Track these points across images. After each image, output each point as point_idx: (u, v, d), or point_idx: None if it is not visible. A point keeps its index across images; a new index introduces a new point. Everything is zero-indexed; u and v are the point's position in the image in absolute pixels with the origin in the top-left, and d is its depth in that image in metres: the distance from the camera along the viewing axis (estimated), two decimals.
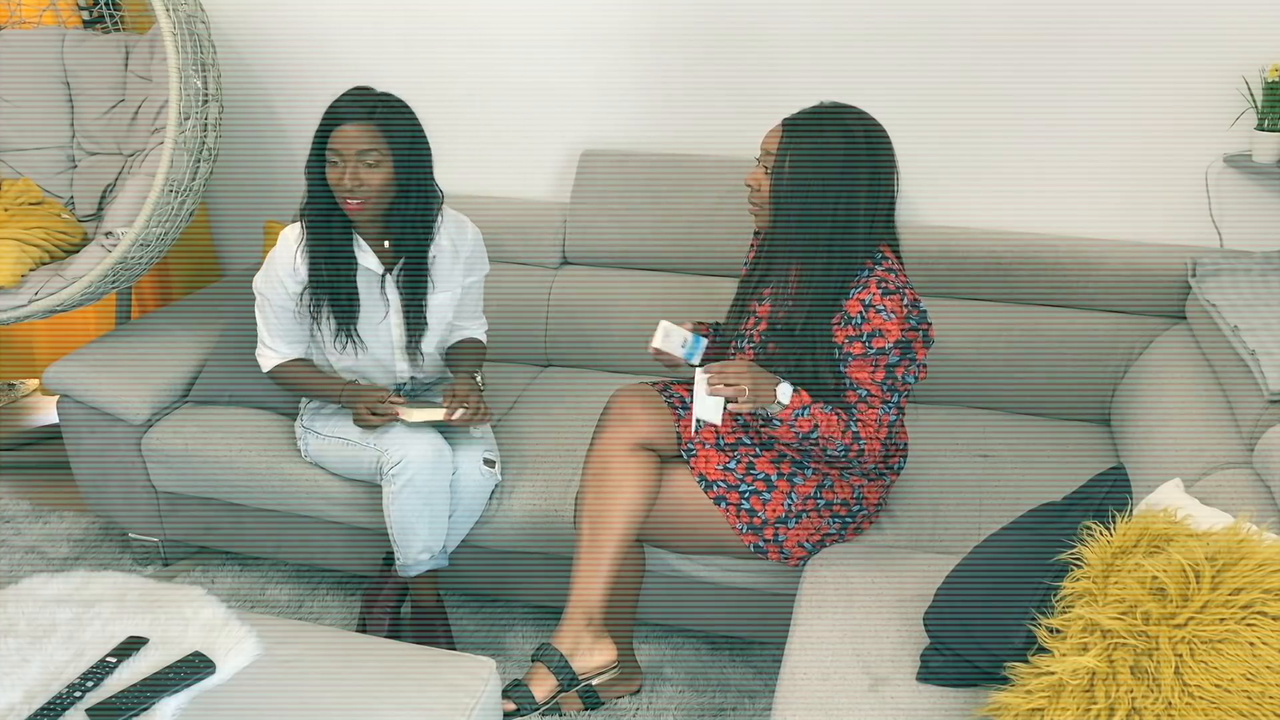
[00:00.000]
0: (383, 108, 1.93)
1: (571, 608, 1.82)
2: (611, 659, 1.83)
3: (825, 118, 1.75)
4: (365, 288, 2.07)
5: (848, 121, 1.74)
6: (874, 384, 1.76)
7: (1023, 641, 1.39)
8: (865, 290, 1.74)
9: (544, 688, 1.77)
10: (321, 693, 1.48)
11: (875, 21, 2.39)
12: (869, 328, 1.74)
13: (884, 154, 1.76)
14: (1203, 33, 2.22)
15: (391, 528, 2.02)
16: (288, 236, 2.06)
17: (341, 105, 1.92)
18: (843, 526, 1.91)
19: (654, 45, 2.57)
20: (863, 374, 1.76)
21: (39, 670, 1.47)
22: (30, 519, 2.76)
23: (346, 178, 1.91)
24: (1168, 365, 2.17)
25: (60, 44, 2.79)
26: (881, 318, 1.73)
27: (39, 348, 3.23)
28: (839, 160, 1.72)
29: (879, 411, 1.77)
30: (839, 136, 1.72)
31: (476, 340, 2.28)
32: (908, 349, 1.76)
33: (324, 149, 1.93)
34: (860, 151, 1.72)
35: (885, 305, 1.73)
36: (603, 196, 2.60)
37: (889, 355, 1.74)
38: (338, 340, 2.09)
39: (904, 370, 1.77)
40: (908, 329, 1.75)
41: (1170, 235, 2.38)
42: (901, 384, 1.78)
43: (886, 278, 1.75)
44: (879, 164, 1.75)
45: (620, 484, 1.85)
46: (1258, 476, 1.69)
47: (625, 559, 1.87)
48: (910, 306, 1.75)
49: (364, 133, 1.90)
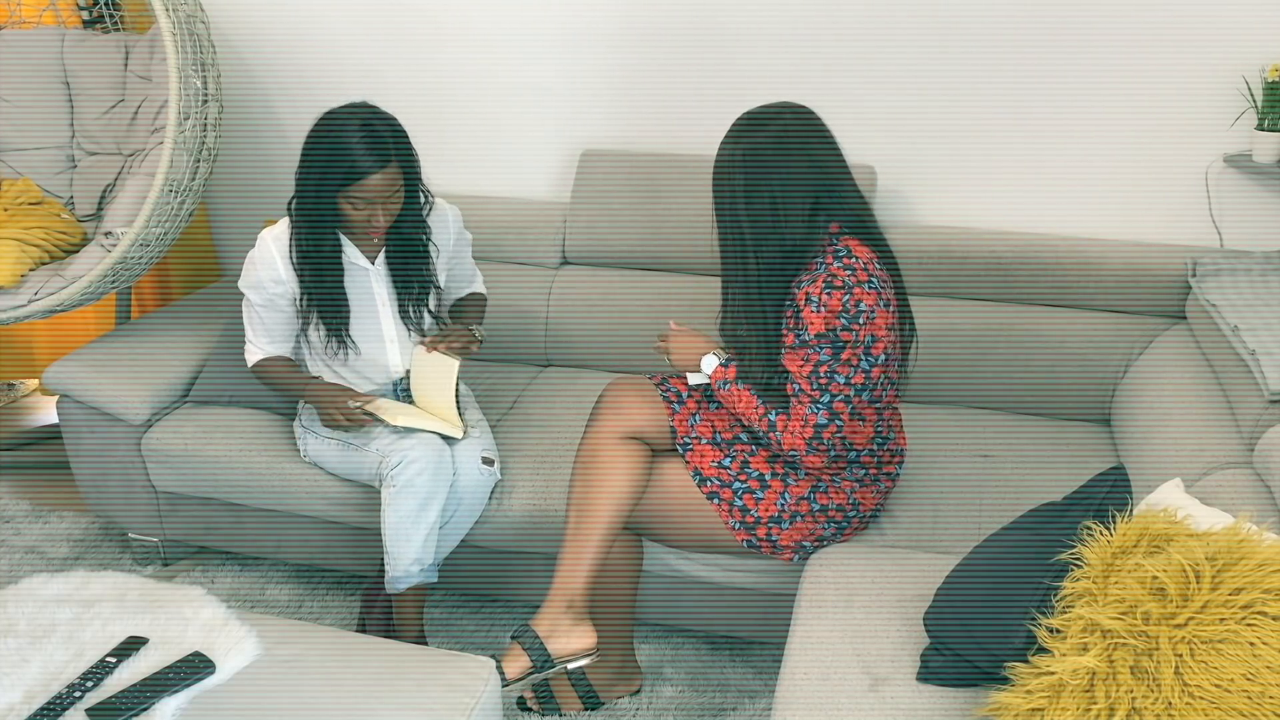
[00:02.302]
0: (393, 142, 1.92)
1: (553, 591, 1.84)
2: (589, 645, 1.84)
3: (736, 131, 1.77)
4: (352, 285, 2.08)
5: (746, 132, 1.75)
6: (803, 377, 1.75)
7: (1023, 641, 1.38)
8: (814, 284, 1.72)
9: (516, 666, 1.80)
10: (321, 693, 1.48)
11: (876, 22, 2.39)
12: (802, 320, 1.74)
13: (802, 150, 1.73)
14: (1203, 33, 2.22)
15: (386, 533, 2.00)
16: (266, 240, 2.05)
17: (358, 153, 1.88)
18: (838, 531, 1.91)
19: (655, 45, 2.57)
20: (794, 365, 1.76)
21: (39, 670, 1.47)
22: (30, 519, 2.76)
23: (380, 218, 1.95)
24: (1168, 365, 2.17)
25: (60, 44, 2.79)
26: (811, 309, 1.72)
27: (39, 348, 3.23)
28: (739, 172, 1.74)
29: (806, 409, 1.76)
30: (735, 149, 1.74)
31: (476, 293, 2.33)
32: (838, 348, 1.71)
33: (336, 189, 1.91)
34: (761, 156, 1.72)
35: (821, 299, 1.70)
36: (603, 196, 2.60)
37: (818, 351, 1.72)
38: (329, 347, 2.10)
39: (830, 369, 1.73)
40: (839, 328, 1.70)
41: (1170, 235, 2.38)
42: (831, 383, 1.73)
43: (838, 274, 1.71)
44: (790, 159, 1.72)
45: (608, 472, 1.86)
46: (1258, 476, 1.70)
47: (611, 547, 1.88)
48: (850, 305, 1.70)
49: (390, 178, 1.92)
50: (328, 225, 1.99)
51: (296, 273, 2.04)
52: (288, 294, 2.07)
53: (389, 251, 2.11)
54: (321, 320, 2.07)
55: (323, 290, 2.05)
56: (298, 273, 2.04)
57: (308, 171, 1.94)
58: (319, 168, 1.92)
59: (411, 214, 2.05)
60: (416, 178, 2.02)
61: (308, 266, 2.03)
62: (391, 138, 1.93)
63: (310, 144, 1.94)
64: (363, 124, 1.90)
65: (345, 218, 1.96)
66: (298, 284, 2.05)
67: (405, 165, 1.96)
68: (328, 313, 2.07)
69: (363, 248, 2.08)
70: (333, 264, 2.04)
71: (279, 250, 2.04)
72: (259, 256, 2.06)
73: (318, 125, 1.94)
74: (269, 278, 2.05)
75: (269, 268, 2.05)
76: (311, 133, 1.94)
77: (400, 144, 1.95)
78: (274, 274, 2.05)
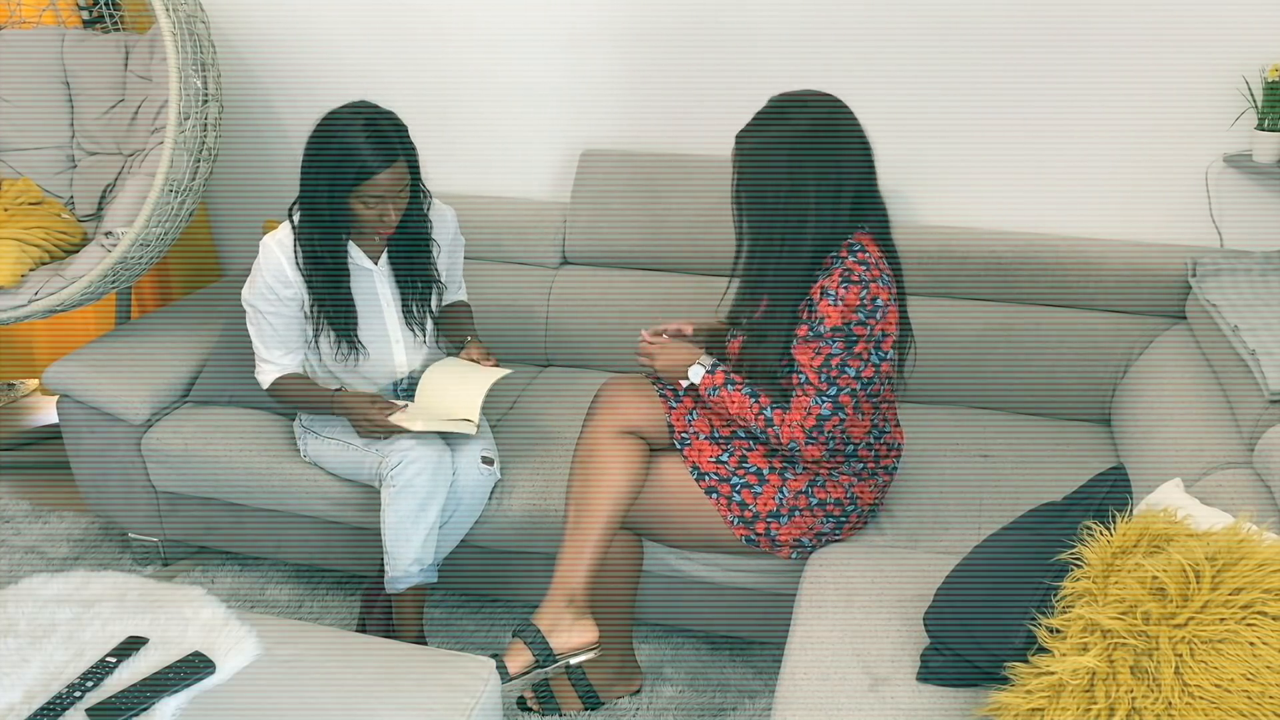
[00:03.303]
0: (398, 139, 1.93)
1: (554, 588, 1.85)
2: (591, 640, 1.84)
3: (767, 117, 1.75)
4: (356, 286, 2.08)
5: (790, 117, 1.73)
6: (812, 369, 1.76)
7: (1023, 641, 1.39)
8: (829, 277, 1.73)
9: (518, 662, 1.81)
10: (321, 693, 1.48)
11: (877, 22, 2.39)
12: (818, 312, 1.74)
13: (836, 140, 1.72)
14: (1203, 33, 2.22)
15: (386, 533, 2.00)
16: (270, 245, 2.04)
17: (366, 152, 1.88)
18: (837, 525, 1.91)
19: (655, 45, 2.57)
20: (804, 357, 1.77)
21: (39, 670, 1.47)
22: (30, 519, 2.76)
23: (392, 214, 1.96)
24: (1168, 365, 2.17)
25: (60, 44, 2.79)
26: (828, 302, 1.72)
27: (39, 348, 3.23)
28: (783, 158, 1.71)
29: (810, 400, 1.77)
30: (780, 137, 1.72)
31: (461, 302, 2.33)
32: (851, 342, 1.73)
33: (347, 189, 1.91)
34: (804, 144, 1.70)
35: (838, 293, 1.72)
36: (602, 196, 2.60)
37: (830, 344, 1.73)
38: (339, 352, 2.09)
39: (841, 361, 1.74)
40: (854, 321, 1.72)
41: (1170, 235, 2.38)
42: (840, 375, 1.74)
43: (855, 269, 1.73)
44: (830, 152, 1.71)
45: (606, 468, 1.86)
46: (1258, 476, 1.70)
47: (610, 543, 1.88)
48: (867, 300, 1.72)
49: (399, 174, 1.93)
50: (337, 227, 1.99)
51: (304, 277, 2.04)
52: (296, 298, 2.06)
53: (392, 251, 2.11)
54: (330, 324, 2.07)
55: (330, 293, 2.04)
56: (305, 277, 2.03)
57: (315, 174, 1.93)
58: (327, 169, 1.91)
59: (415, 211, 2.05)
60: (418, 174, 2.03)
61: (315, 270, 2.02)
62: (396, 134, 1.93)
63: (315, 146, 1.93)
64: (367, 122, 1.90)
65: (356, 218, 1.96)
66: (305, 288, 2.05)
67: (410, 161, 1.97)
68: (336, 316, 2.06)
69: (366, 248, 2.08)
70: (339, 266, 2.04)
71: (284, 254, 2.03)
72: (265, 262, 2.04)
73: (320, 127, 1.93)
74: (278, 281, 2.04)
75: (277, 273, 2.03)
76: (314, 135, 1.93)
77: (404, 140, 1.95)
78: (282, 277, 2.04)
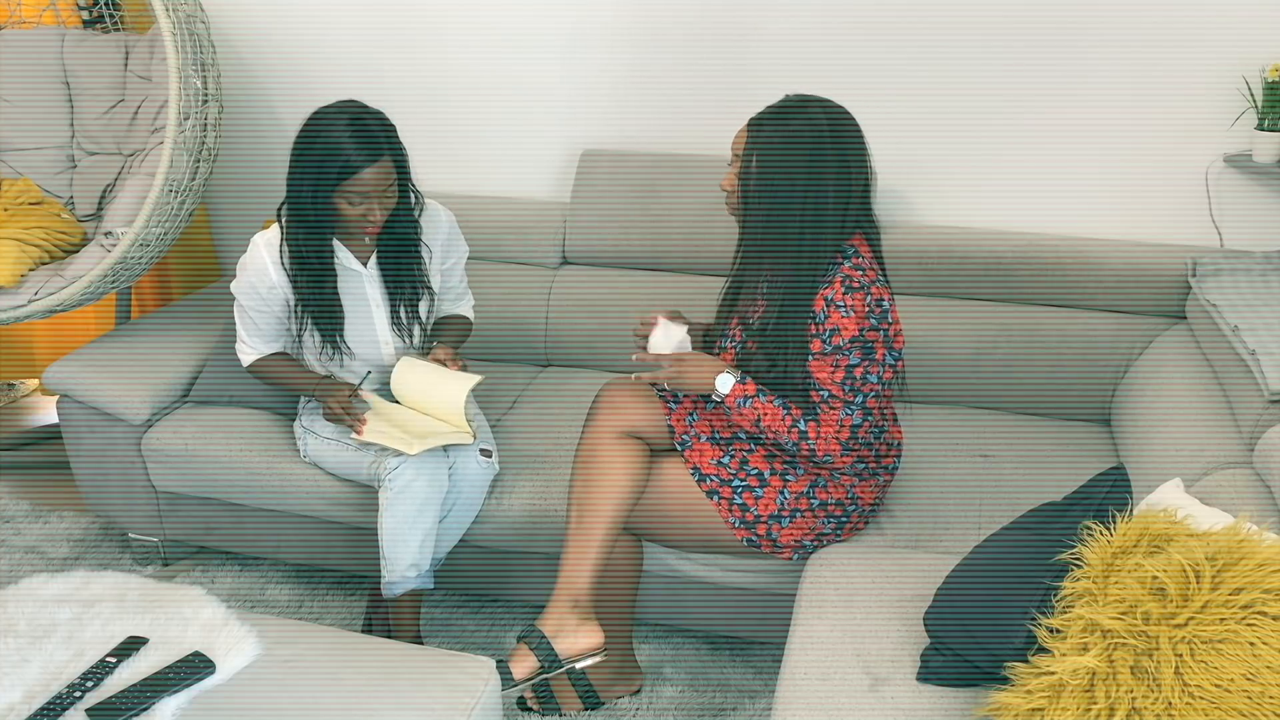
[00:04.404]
0: (384, 137, 1.92)
1: (558, 591, 1.84)
2: (596, 643, 1.84)
3: (789, 113, 1.74)
4: (344, 288, 2.08)
5: (812, 113, 1.72)
6: (835, 384, 1.75)
7: (1023, 641, 1.38)
8: (830, 286, 1.73)
9: (524, 667, 1.80)
10: (321, 693, 1.48)
11: (877, 21, 2.39)
12: (829, 325, 1.73)
13: (851, 143, 1.73)
14: (1203, 33, 2.22)
15: (383, 536, 1.99)
16: (257, 243, 2.05)
17: (350, 148, 1.88)
18: (838, 526, 1.91)
19: (655, 45, 2.57)
20: (823, 373, 1.75)
21: (39, 670, 1.47)
22: (30, 519, 2.76)
23: (377, 213, 1.94)
24: (1168, 365, 2.17)
25: (60, 44, 2.79)
26: (840, 314, 1.72)
27: (39, 348, 3.23)
28: (805, 155, 1.70)
29: (840, 414, 1.76)
30: (803, 130, 1.71)
31: (462, 316, 2.30)
32: (868, 349, 1.73)
33: (331, 187, 1.91)
34: (826, 143, 1.70)
35: (845, 302, 1.72)
36: (602, 196, 2.60)
37: (848, 355, 1.73)
38: (323, 352, 2.10)
39: (864, 370, 1.74)
40: (868, 328, 1.72)
41: (1170, 235, 2.38)
42: (864, 384, 1.75)
43: (852, 274, 1.73)
44: (847, 154, 1.72)
45: (607, 470, 1.86)
46: (1258, 476, 1.70)
47: (613, 545, 1.88)
48: (874, 305, 1.73)
49: (384, 171, 1.92)
50: (322, 226, 1.98)
51: (289, 277, 2.03)
52: (280, 298, 2.07)
53: (381, 253, 2.10)
54: (315, 325, 2.07)
55: (316, 294, 2.04)
56: (290, 277, 2.03)
57: (300, 172, 1.93)
58: (312, 167, 1.91)
59: (403, 213, 2.04)
60: (407, 175, 2.01)
61: (301, 270, 2.02)
62: (381, 132, 1.92)
63: (300, 145, 1.93)
64: (351, 119, 1.90)
65: (341, 216, 1.95)
66: (290, 289, 2.05)
67: (397, 160, 1.96)
68: (321, 317, 2.06)
69: (355, 250, 2.08)
70: (325, 266, 2.03)
71: (270, 255, 2.03)
72: (250, 261, 2.05)
73: (306, 126, 1.94)
74: (261, 283, 2.05)
75: (260, 273, 2.04)
76: (300, 134, 1.94)
77: (391, 138, 1.94)
78: (265, 279, 2.04)
